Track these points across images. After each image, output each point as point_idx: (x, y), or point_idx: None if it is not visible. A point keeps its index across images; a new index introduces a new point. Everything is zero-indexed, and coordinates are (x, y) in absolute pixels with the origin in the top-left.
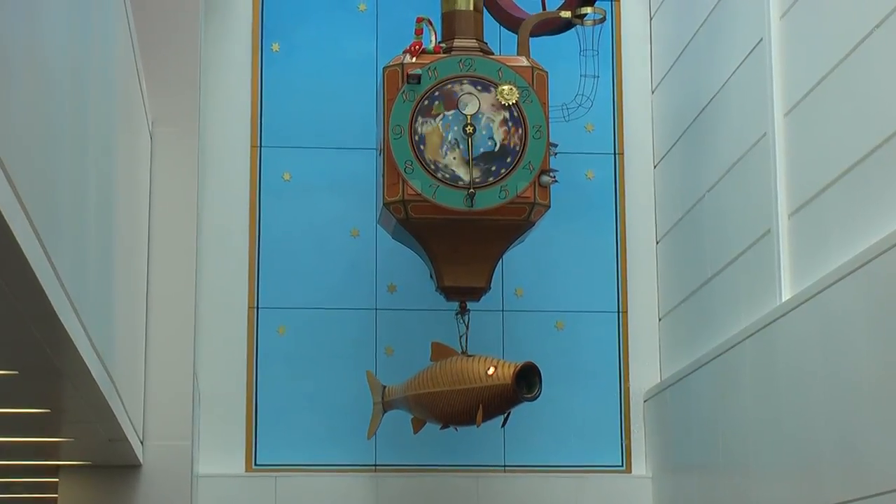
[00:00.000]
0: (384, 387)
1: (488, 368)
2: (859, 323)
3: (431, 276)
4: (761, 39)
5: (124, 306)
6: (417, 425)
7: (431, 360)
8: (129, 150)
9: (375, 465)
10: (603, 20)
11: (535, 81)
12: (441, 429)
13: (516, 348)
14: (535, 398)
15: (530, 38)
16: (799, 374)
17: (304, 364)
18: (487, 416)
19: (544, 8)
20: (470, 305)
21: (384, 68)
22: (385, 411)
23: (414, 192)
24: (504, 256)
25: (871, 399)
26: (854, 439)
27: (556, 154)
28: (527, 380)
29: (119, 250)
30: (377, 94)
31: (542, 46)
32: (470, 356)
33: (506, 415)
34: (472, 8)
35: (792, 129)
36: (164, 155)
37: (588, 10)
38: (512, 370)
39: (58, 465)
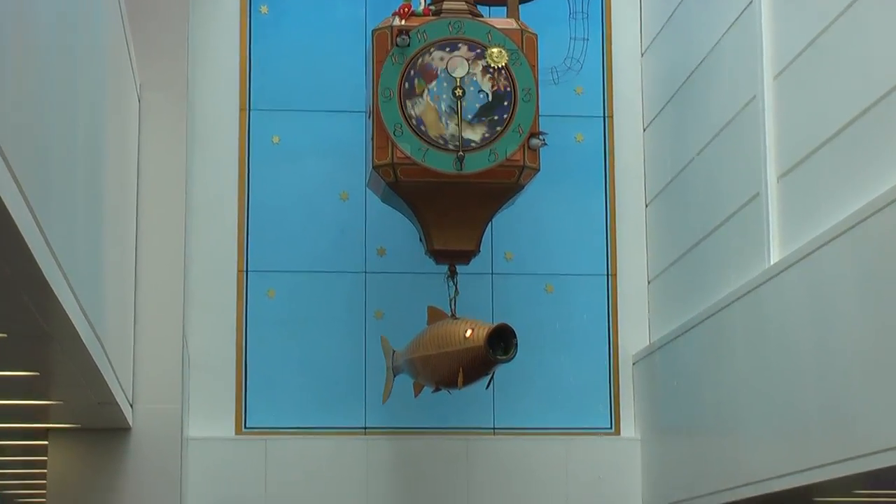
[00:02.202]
0: (393, 351)
1: (466, 331)
2: (848, 285)
3: (421, 240)
4: (751, 2)
5: (114, 271)
6: (417, 389)
7: (428, 325)
8: (117, 116)
9: (365, 428)
10: None
11: (524, 44)
12: (433, 391)
13: (506, 311)
14: (509, 360)
15: (520, 3)
16: (788, 336)
17: (294, 327)
18: (470, 378)
19: None
20: (459, 268)
21: (373, 31)
22: (395, 375)
23: (403, 156)
24: (494, 219)
25: (860, 361)
26: (842, 401)
27: (545, 143)
28: (504, 341)
29: (108, 215)
30: (366, 57)
31: (532, 9)
32: (456, 319)
33: (490, 376)
34: None
35: (781, 92)
36: (153, 119)
37: None
38: (486, 332)
39: (47, 428)
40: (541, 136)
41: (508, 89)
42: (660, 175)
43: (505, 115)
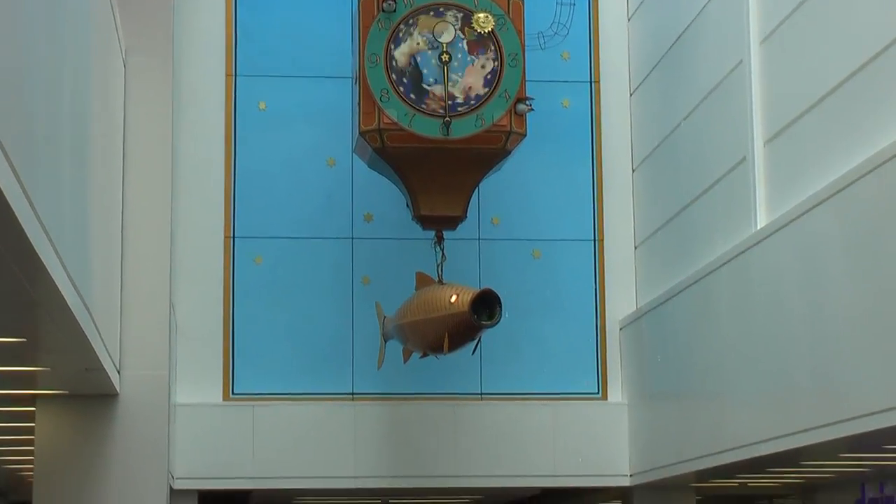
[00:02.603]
0: (384, 317)
1: (451, 296)
2: (835, 249)
3: (408, 205)
4: None
5: (100, 237)
6: (406, 355)
7: (416, 290)
8: (103, 81)
9: (353, 394)
10: None
11: (510, 9)
12: (421, 357)
13: (493, 277)
14: (494, 325)
15: None
16: (775, 300)
17: (281, 293)
18: (455, 344)
19: None
20: (446, 234)
21: None
22: (386, 342)
23: (390, 121)
24: (480, 185)
25: (848, 325)
26: (829, 366)
27: (531, 109)
28: (488, 306)
29: (94, 181)
30: (353, 23)
31: None
32: (443, 285)
33: (476, 342)
34: None
35: (768, 57)
36: (139, 85)
37: None
38: (470, 297)
39: (34, 395)
40: (527, 102)
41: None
42: (646, 140)
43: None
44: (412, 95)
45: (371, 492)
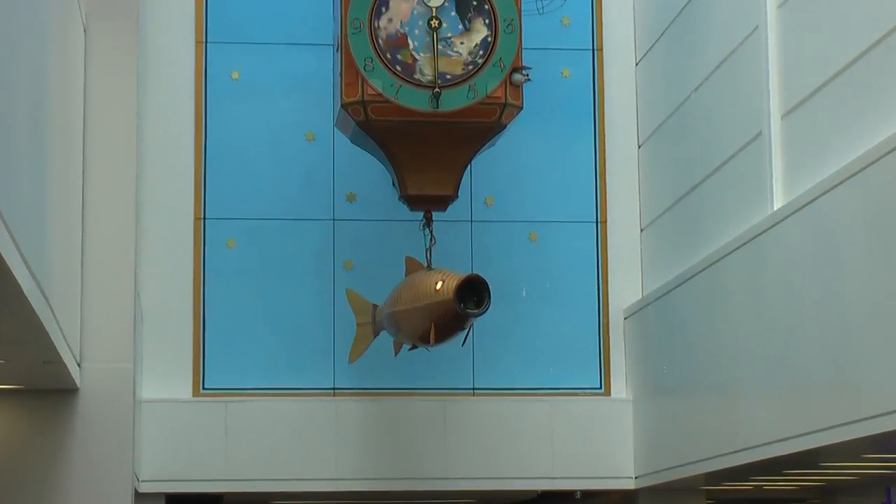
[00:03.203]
0: (374, 306)
1: (437, 283)
2: (856, 233)
3: (394, 184)
4: None
5: (59, 218)
6: (397, 347)
7: (405, 277)
8: (61, 48)
9: (334, 389)
10: None
11: None
12: (409, 349)
13: (486, 262)
14: (481, 313)
15: None
16: (791, 288)
17: (256, 280)
18: (442, 335)
19: None
20: (436, 215)
21: None
22: (376, 333)
23: (374, 93)
24: (473, 162)
25: (869, 315)
26: (850, 358)
27: (528, 79)
28: (476, 294)
29: (52, 158)
30: None
31: None
32: (430, 270)
33: (465, 332)
34: None
35: (786, 22)
36: (100, 52)
37: None
38: (455, 283)
39: None
40: (524, 72)
41: None
42: (654, 113)
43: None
44: (397, 67)
45: (354, 495)
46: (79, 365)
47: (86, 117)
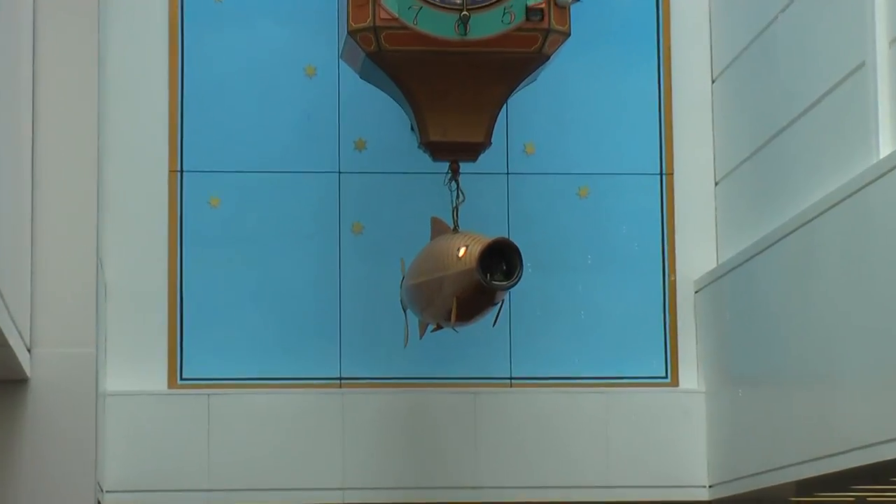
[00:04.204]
0: (403, 278)
1: (459, 249)
2: None
3: (413, 129)
4: None
5: (3, 174)
6: (422, 328)
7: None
8: None
9: (340, 379)
10: None
11: None
12: (433, 331)
13: (526, 223)
14: (511, 286)
15: None
16: None
17: (246, 246)
18: (467, 313)
19: None
20: (465, 167)
21: None
22: (405, 311)
23: (389, 17)
24: (509, 102)
25: None
26: None
27: None
28: (506, 261)
29: None
30: None
31: None
32: (454, 234)
33: (497, 309)
34: None
35: None
36: None
37: None
38: (479, 249)
39: None
40: None
41: None
42: (731, 41)
43: None
44: None
45: None
46: (28, 350)
47: (36, 49)
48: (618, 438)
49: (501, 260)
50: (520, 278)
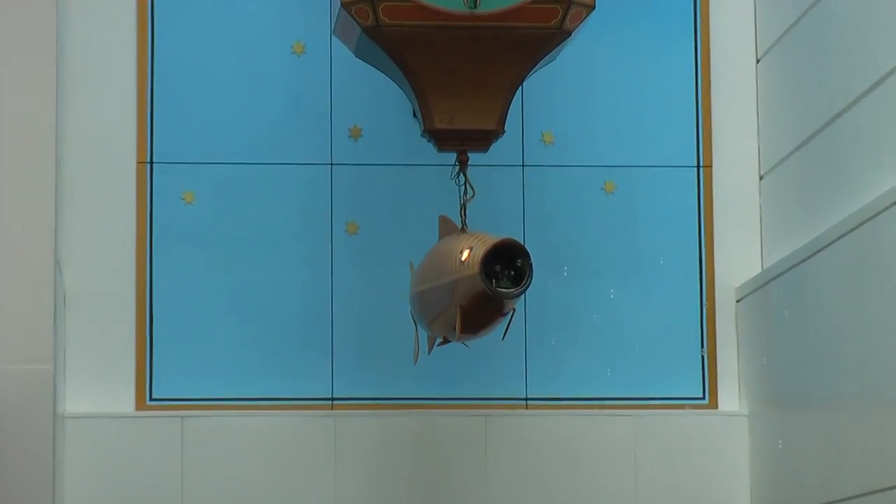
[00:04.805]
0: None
1: (462, 252)
2: None
3: (415, 115)
4: None
5: None
6: (430, 343)
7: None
8: None
9: (332, 400)
10: None
11: None
12: (440, 344)
13: (544, 221)
14: (519, 294)
15: None
16: None
17: (224, 249)
18: (473, 325)
19: None
20: (474, 159)
21: None
22: (415, 323)
23: None
24: (525, 85)
25: None
26: None
27: None
28: (513, 266)
29: None
30: None
31: None
32: (461, 234)
33: (507, 321)
34: None
35: None
36: None
37: None
38: (483, 252)
39: None
40: None
41: None
42: (778, 15)
43: None
44: None
45: None
46: None
47: None
48: (648, 467)
49: (509, 264)
50: (529, 284)
